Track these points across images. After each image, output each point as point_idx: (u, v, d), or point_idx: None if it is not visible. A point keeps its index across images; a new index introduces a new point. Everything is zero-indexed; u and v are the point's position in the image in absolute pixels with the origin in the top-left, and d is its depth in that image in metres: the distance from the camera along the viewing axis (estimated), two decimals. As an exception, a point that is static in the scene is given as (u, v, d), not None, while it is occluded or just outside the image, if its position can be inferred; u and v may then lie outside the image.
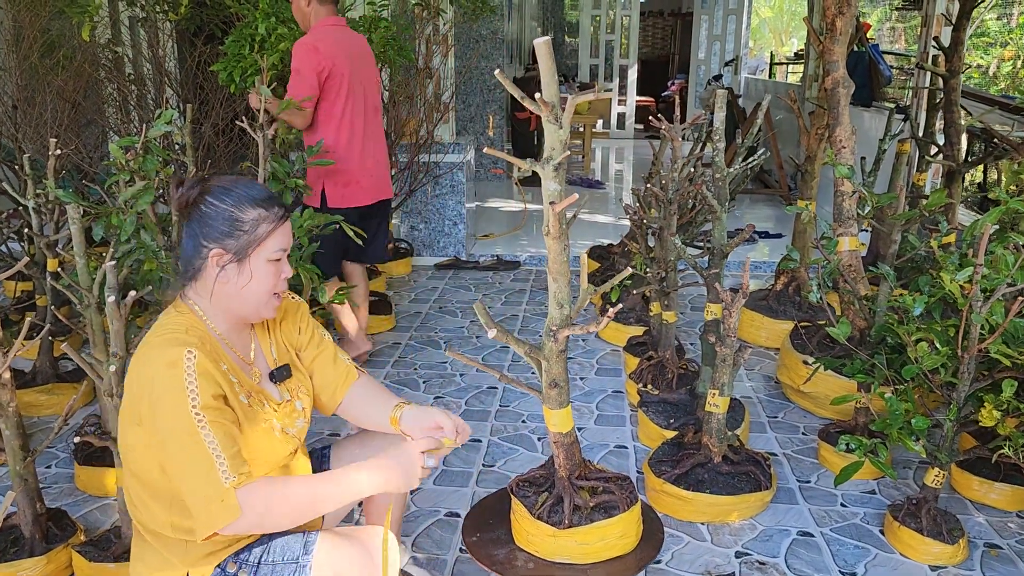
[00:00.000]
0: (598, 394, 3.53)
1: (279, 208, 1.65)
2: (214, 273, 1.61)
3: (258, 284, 1.63)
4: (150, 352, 1.54)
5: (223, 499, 1.44)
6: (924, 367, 2.21)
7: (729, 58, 11.58)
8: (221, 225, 1.59)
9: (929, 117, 4.49)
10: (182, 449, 1.46)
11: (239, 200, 1.61)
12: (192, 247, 1.63)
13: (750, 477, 2.59)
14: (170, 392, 1.47)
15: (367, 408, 1.86)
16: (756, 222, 6.77)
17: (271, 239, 1.63)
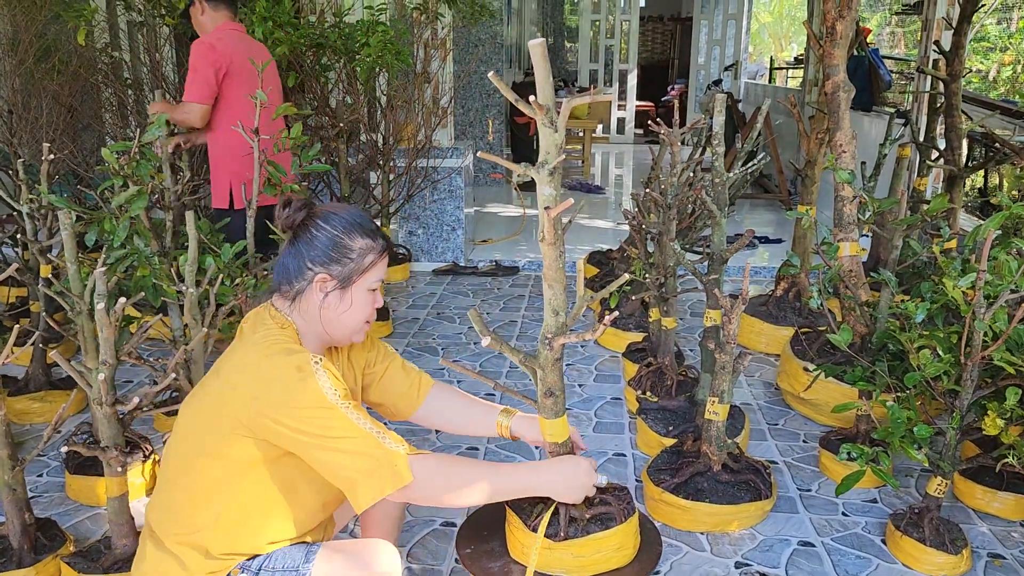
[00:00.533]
0: (597, 401, 3.50)
1: (383, 240, 1.69)
2: (318, 298, 1.64)
3: (356, 312, 1.67)
4: (271, 360, 1.55)
5: (395, 464, 1.51)
6: (926, 375, 2.17)
7: (729, 63, 11.57)
8: (330, 250, 1.63)
9: (930, 121, 4.47)
10: (338, 431, 1.50)
11: (348, 227, 1.64)
12: (296, 268, 1.65)
13: (750, 486, 2.56)
14: (309, 390, 1.51)
15: (457, 412, 1.98)
16: (756, 227, 6.74)
17: (374, 270, 1.68)
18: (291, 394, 1.51)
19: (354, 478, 1.51)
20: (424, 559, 2.37)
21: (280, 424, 1.51)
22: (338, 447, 1.51)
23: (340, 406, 1.52)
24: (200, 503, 1.59)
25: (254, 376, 1.54)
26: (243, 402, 1.53)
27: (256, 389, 1.53)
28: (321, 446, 1.51)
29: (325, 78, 4.65)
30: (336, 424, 1.51)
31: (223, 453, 1.55)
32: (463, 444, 3.08)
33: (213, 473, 1.57)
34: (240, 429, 1.54)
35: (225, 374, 1.60)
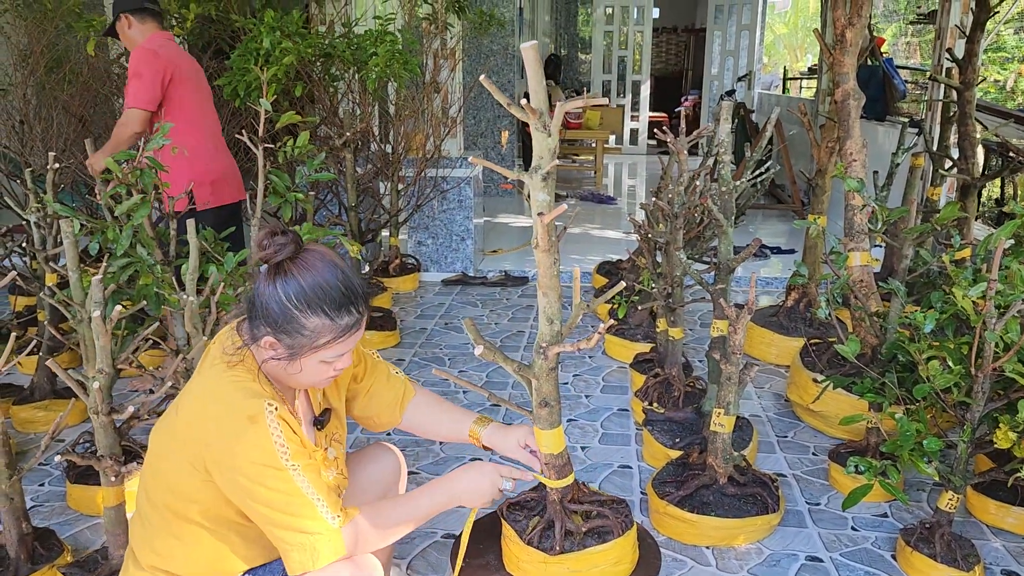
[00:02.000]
0: (603, 412, 3.46)
1: (350, 318, 1.52)
2: (264, 354, 1.54)
3: (307, 377, 1.58)
4: (225, 404, 1.49)
5: (330, 539, 1.48)
6: (936, 386, 2.12)
7: (742, 73, 11.52)
8: (281, 320, 1.49)
9: (943, 130, 4.41)
10: (279, 498, 1.46)
11: (308, 305, 1.48)
12: (254, 313, 1.53)
13: (757, 499, 2.51)
14: (258, 447, 1.45)
15: (436, 420, 1.94)
16: (768, 237, 6.68)
17: (330, 348, 1.53)
18: (239, 445, 1.45)
19: (286, 548, 1.48)
20: (424, 572, 2.33)
21: (225, 474, 1.47)
22: (275, 515, 1.46)
23: (288, 467, 1.46)
24: (171, 536, 1.56)
25: (206, 419, 1.49)
26: (197, 444, 1.49)
27: (208, 435, 1.48)
28: (260, 507, 1.47)
29: (333, 88, 4.65)
30: (280, 487, 1.45)
31: (188, 493, 1.52)
32: (467, 455, 3.05)
33: (179, 508, 1.54)
34: (199, 471, 1.49)
35: (184, 408, 1.54)
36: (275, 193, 3.23)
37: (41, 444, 2.13)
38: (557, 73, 12.03)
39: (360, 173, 4.79)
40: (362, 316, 1.55)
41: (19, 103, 4.44)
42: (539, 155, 1.43)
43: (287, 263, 1.49)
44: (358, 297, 1.53)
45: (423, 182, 5.21)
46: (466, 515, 2.07)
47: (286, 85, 4.22)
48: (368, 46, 4.39)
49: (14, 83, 4.49)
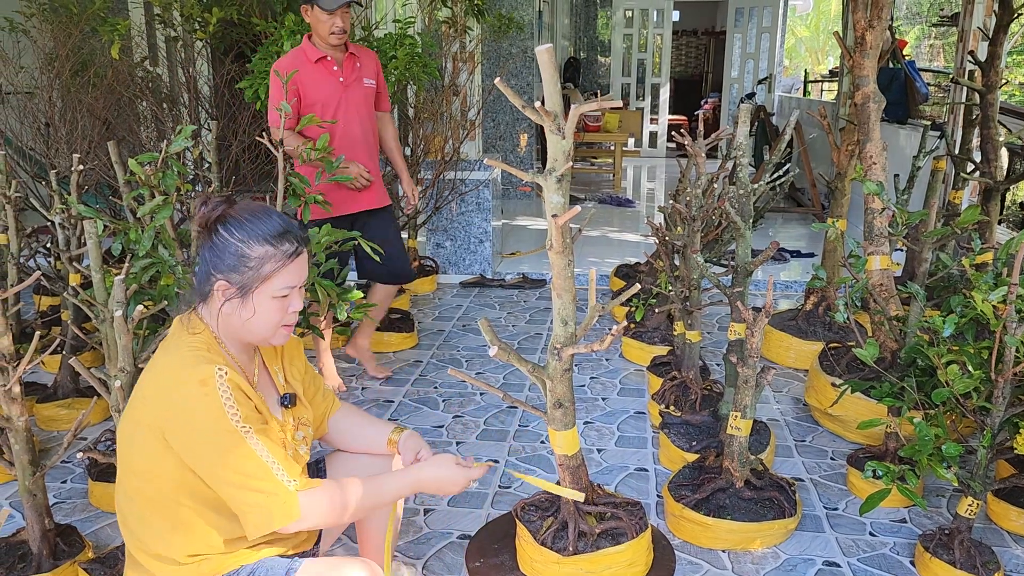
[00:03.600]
0: (620, 415, 3.45)
1: (290, 245, 1.61)
2: (218, 303, 1.62)
3: (261, 319, 1.63)
4: (176, 372, 1.54)
5: (285, 502, 1.51)
6: (955, 391, 2.11)
7: (762, 76, 11.47)
8: (228, 258, 1.59)
9: (965, 133, 4.37)
10: (232, 459, 1.49)
11: (249, 235, 1.59)
12: (203, 272, 1.64)
13: (773, 503, 2.50)
14: (208, 409, 1.49)
15: (359, 431, 1.95)
16: (788, 241, 6.65)
17: (276, 278, 1.61)
18: (192, 411, 1.50)
19: (244, 509, 1.51)
20: (440, 571, 2.34)
21: (181, 440, 1.50)
22: (231, 476, 1.50)
23: (240, 429, 1.50)
24: (147, 519, 1.59)
25: (160, 388, 1.53)
26: (156, 416, 1.52)
27: (164, 403, 1.51)
28: (216, 471, 1.50)
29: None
30: (233, 450, 1.49)
31: (158, 472, 1.54)
32: (483, 456, 3.06)
33: (153, 492, 1.56)
34: (161, 442, 1.52)
35: (140, 387, 1.59)
36: (294, 195, 3.26)
37: (64, 441, 2.16)
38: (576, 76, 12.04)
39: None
40: (302, 246, 1.63)
41: (44, 106, 4.51)
42: (553, 157, 1.43)
43: (225, 211, 1.60)
44: (295, 228, 1.63)
45: (441, 184, 5.23)
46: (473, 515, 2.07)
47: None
48: (388, 49, 4.42)
49: (40, 86, 4.55)
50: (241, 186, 4.89)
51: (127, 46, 4.91)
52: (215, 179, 4.01)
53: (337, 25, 3.31)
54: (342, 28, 3.33)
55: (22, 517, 2.30)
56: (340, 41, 3.37)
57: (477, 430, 3.30)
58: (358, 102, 3.49)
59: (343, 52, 3.45)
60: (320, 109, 3.41)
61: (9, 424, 2.13)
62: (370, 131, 3.56)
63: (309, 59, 3.41)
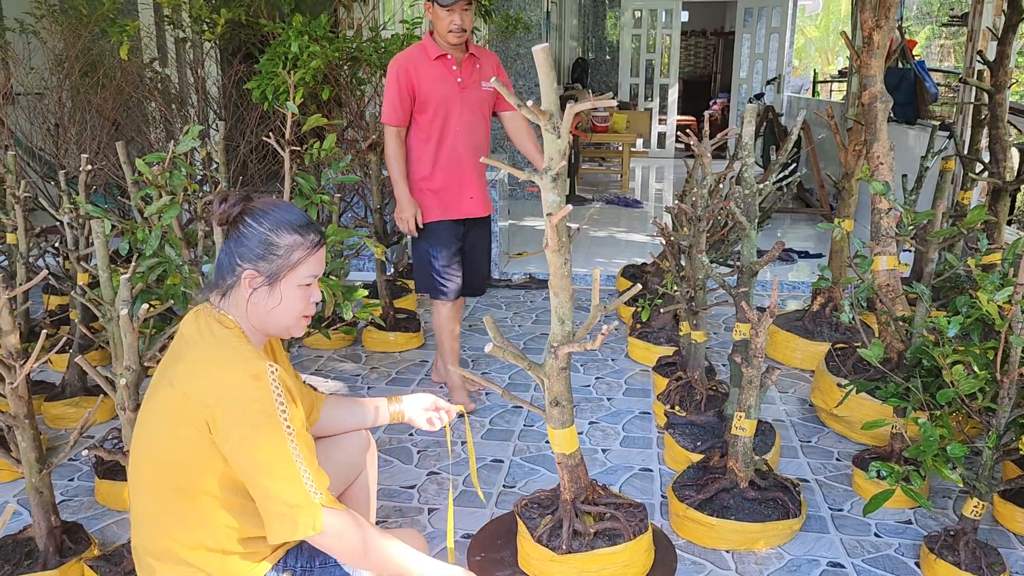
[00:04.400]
0: (625, 415, 3.45)
1: (315, 235, 1.69)
2: (246, 293, 1.65)
3: (287, 307, 1.67)
4: (227, 364, 1.56)
5: (311, 512, 1.52)
6: (960, 391, 2.10)
7: (771, 76, 11.44)
8: (256, 247, 1.63)
9: (974, 134, 4.35)
10: (271, 459, 1.51)
11: (277, 224, 1.64)
12: (228, 264, 1.67)
13: (778, 503, 2.49)
14: (261, 403, 1.52)
15: (350, 414, 2.03)
16: (797, 241, 6.63)
17: (303, 266, 1.67)
18: (246, 403, 1.51)
19: (270, 517, 1.53)
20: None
21: (225, 431, 1.51)
22: (265, 478, 1.51)
23: (285, 430, 1.53)
24: (192, 526, 1.59)
25: (208, 381, 1.54)
26: (199, 407, 1.52)
27: (212, 394, 1.52)
28: (251, 470, 1.52)
29: (360, 91, 4.69)
30: (273, 450, 1.51)
31: (196, 465, 1.54)
32: (488, 456, 3.06)
33: (187, 485, 1.56)
34: (203, 434, 1.52)
35: (179, 383, 1.57)
36: (301, 195, 3.28)
37: (70, 439, 2.18)
38: (584, 77, 12.02)
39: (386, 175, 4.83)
40: (323, 237, 1.71)
41: (54, 106, 4.54)
42: (549, 156, 1.44)
43: (246, 206, 1.65)
44: (315, 223, 1.70)
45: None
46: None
47: (313, 89, 4.27)
48: (394, 49, 4.43)
49: (49, 87, 4.58)
50: (249, 186, 4.91)
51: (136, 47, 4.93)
52: (223, 179, 4.04)
53: (455, 23, 3.13)
54: (460, 26, 3.14)
55: (29, 514, 2.32)
56: (459, 40, 3.19)
57: (482, 429, 3.30)
58: (473, 105, 3.31)
59: (463, 52, 3.27)
60: (433, 109, 3.26)
61: (16, 422, 2.14)
62: (482, 136, 3.40)
63: (428, 56, 3.25)
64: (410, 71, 3.22)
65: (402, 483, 2.87)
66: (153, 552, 1.64)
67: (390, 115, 3.28)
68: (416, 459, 3.04)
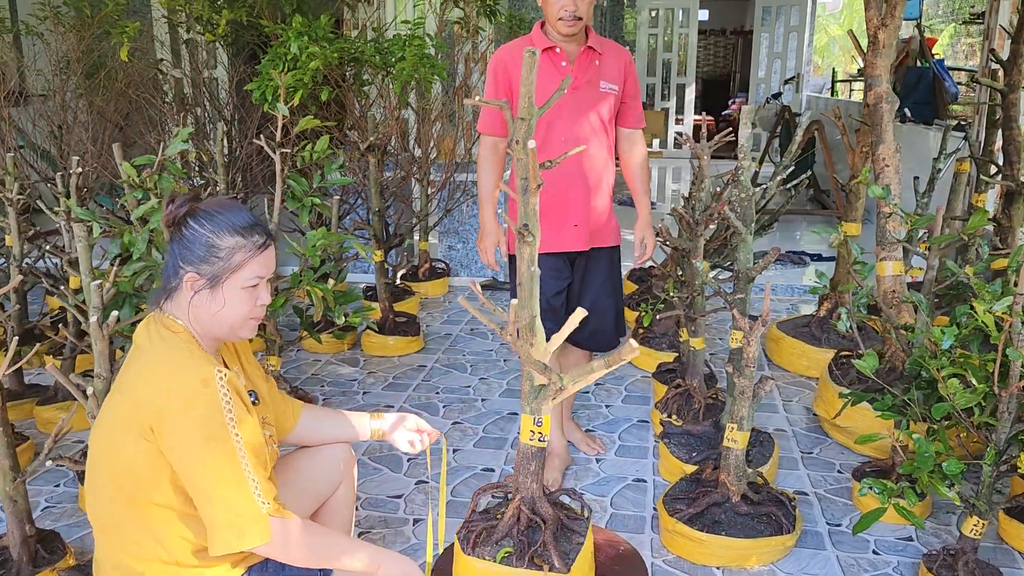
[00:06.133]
0: (622, 423, 3.37)
1: (259, 237, 1.65)
2: (188, 296, 1.62)
3: (231, 310, 1.64)
4: (174, 369, 1.53)
5: (257, 521, 1.49)
6: (956, 405, 2.01)
7: (789, 75, 11.28)
8: (198, 250, 1.61)
9: (988, 135, 4.22)
10: (217, 467, 1.48)
11: (219, 226, 1.62)
12: (171, 267, 1.65)
13: (771, 519, 2.41)
14: (208, 409, 1.49)
15: (332, 424, 1.99)
16: (810, 244, 6.51)
17: (246, 268, 1.63)
18: (191, 409, 1.48)
19: (214, 527, 1.50)
20: None
21: (172, 438, 1.48)
22: (209, 486, 1.48)
23: (233, 437, 1.50)
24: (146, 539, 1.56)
25: (157, 387, 1.51)
26: (147, 414, 1.49)
27: (159, 400, 1.50)
28: (197, 479, 1.49)
29: (364, 93, 4.65)
30: (220, 457, 1.48)
31: (156, 460, 1.51)
32: (479, 465, 3.00)
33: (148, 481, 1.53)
34: (150, 442, 1.49)
35: (127, 389, 1.56)
36: (293, 198, 3.24)
37: (44, 447, 2.14)
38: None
39: (387, 177, 4.79)
40: (270, 239, 1.66)
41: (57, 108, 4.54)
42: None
43: (192, 208, 1.62)
44: (263, 224, 1.67)
45: (453, 186, 5.18)
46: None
47: (313, 90, 4.23)
48: (396, 50, 4.38)
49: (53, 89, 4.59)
50: (251, 187, 4.89)
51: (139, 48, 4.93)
52: (221, 181, 4.01)
53: (568, 8, 2.53)
54: (573, 13, 2.54)
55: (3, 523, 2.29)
56: (572, 29, 2.57)
57: (475, 437, 3.24)
58: (588, 109, 2.67)
59: (579, 44, 2.65)
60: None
61: (-13, 429, 2.11)
62: (600, 148, 2.73)
63: None
64: (509, 68, 2.64)
65: (389, 492, 2.82)
66: (112, 565, 1.61)
67: (484, 121, 2.75)
68: (405, 467, 2.98)
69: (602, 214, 2.85)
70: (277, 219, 3.23)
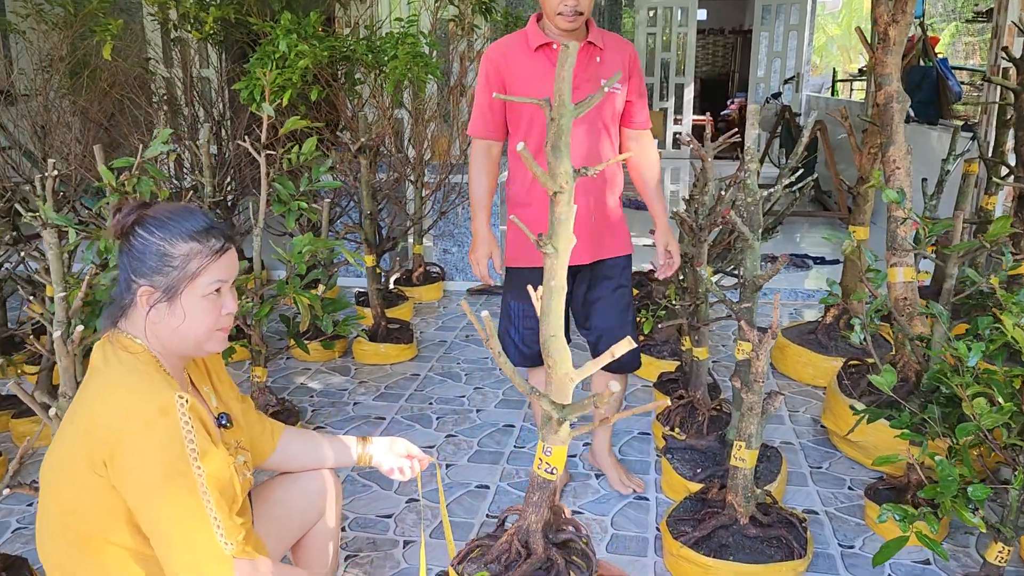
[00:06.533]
0: (623, 435, 3.24)
1: (216, 240, 1.51)
2: (144, 311, 1.47)
3: (193, 322, 1.49)
4: (129, 397, 1.39)
5: (219, 563, 1.37)
6: (983, 425, 1.88)
7: (789, 75, 11.16)
8: (150, 260, 1.47)
9: (999, 135, 4.09)
10: (176, 504, 1.35)
11: (171, 233, 1.48)
12: (123, 281, 1.50)
13: (782, 542, 2.28)
14: (167, 442, 1.35)
15: (315, 448, 1.84)
16: (813, 247, 6.38)
17: (205, 274, 1.48)
18: (148, 443, 1.35)
19: (172, 566, 1.37)
20: None
21: (127, 475, 1.35)
22: (168, 527, 1.36)
23: (194, 471, 1.36)
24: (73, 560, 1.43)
25: (111, 415, 1.37)
26: (99, 446, 1.36)
27: (113, 432, 1.36)
28: (154, 515, 1.36)
29: (354, 92, 4.52)
30: (180, 496, 1.35)
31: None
32: (473, 481, 2.87)
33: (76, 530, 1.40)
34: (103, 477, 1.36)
35: (79, 418, 1.42)
36: (279, 201, 3.10)
37: (9, 469, 2.01)
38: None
39: (380, 179, 4.65)
40: (229, 242, 1.52)
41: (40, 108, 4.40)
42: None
43: (140, 215, 1.47)
44: (221, 226, 1.52)
45: (447, 188, 5.05)
46: None
47: (303, 89, 4.10)
48: (389, 49, 4.25)
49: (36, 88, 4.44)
50: (241, 190, 4.75)
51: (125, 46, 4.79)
52: (208, 184, 3.88)
53: (568, 3, 2.27)
54: (574, 8, 2.28)
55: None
56: (572, 25, 2.32)
57: (470, 451, 3.11)
58: (593, 111, 2.44)
59: (578, 40, 2.37)
60: (529, 116, 2.43)
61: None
62: (599, 155, 2.51)
63: (528, 45, 2.43)
64: (500, 67, 2.43)
65: (379, 511, 2.68)
66: None
67: (475, 124, 2.52)
68: (396, 485, 2.84)
69: (608, 223, 2.62)
70: (262, 223, 3.10)
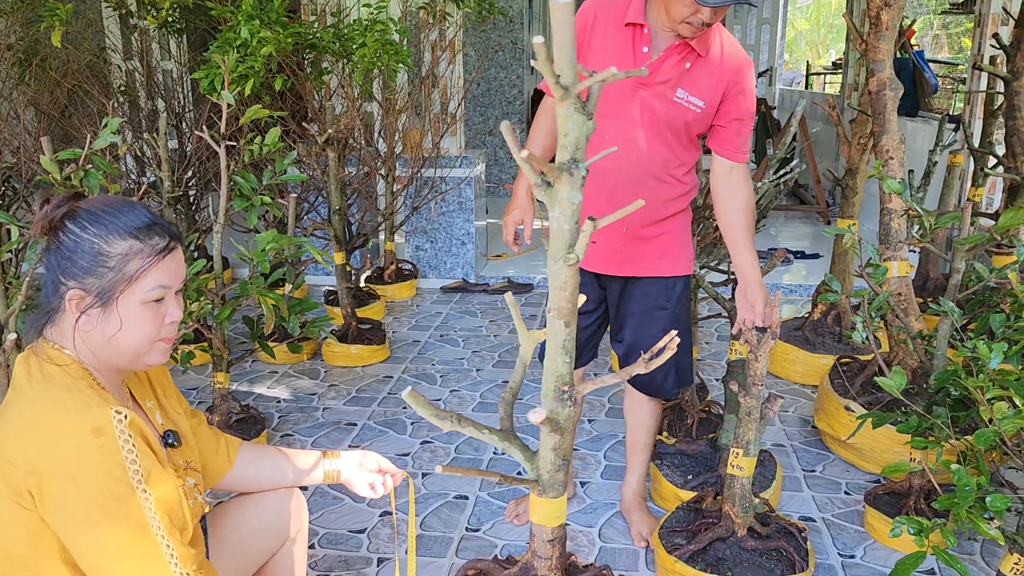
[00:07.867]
0: (607, 439, 3.09)
1: (160, 239, 1.32)
2: (73, 318, 1.27)
3: (131, 332, 1.29)
4: (57, 417, 1.20)
5: None
6: (1002, 432, 1.75)
7: (763, 68, 11.11)
8: (81, 259, 1.27)
9: (986, 125, 4.01)
10: (120, 536, 1.17)
11: (107, 229, 1.28)
12: (51, 283, 1.29)
13: (782, 555, 2.14)
14: (103, 467, 1.17)
15: (273, 466, 1.67)
16: (792, 241, 6.29)
17: (146, 277, 1.29)
18: (81, 468, 1.16)
19: None
20: None
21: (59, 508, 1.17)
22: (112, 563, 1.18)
23: (139, 493, 1.19)
24: None
25: (34, 440, 1.18)
26: (23, 476, 1.17)
27: (39, 459, 1.17)
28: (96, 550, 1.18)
29: (321, 82, 4.32)
30: (125, 522, 1.18)
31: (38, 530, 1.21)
32: (451, 492, 2.70)
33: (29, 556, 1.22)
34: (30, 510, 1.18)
35: (5, 439, 1.22)
36: (241, 196, 2.91)
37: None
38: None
39: (349, 173, 4.46)
40: (174, 241, 1.33)
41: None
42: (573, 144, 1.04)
43: (71, 207, 1.28)
44: (165, 223, 1.33)
45: (420, 182, 4.87)
46: None
47: (266, 79, 3.89)
48: (356, 36, 4.06)
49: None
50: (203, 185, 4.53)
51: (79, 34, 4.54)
52: (167, 178, 3.66)
53: (700, 18, 1.92)
54: (704, 22, 1.93)
55: None
56: (691, 33, 1.98)
57: (447, 458, 2.94)
58: (656, 116, 2.08)
59: (677, 38, 2.03)
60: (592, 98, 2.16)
61: None
62: (659, 167, 2.13)
63: (618, 16, 2.07)
64: (593, 21, 2.09)
65: (350, 526, 2.50)
66: None
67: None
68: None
69: (646, 239, 2.24)
70: (223, 219, 2.90)
